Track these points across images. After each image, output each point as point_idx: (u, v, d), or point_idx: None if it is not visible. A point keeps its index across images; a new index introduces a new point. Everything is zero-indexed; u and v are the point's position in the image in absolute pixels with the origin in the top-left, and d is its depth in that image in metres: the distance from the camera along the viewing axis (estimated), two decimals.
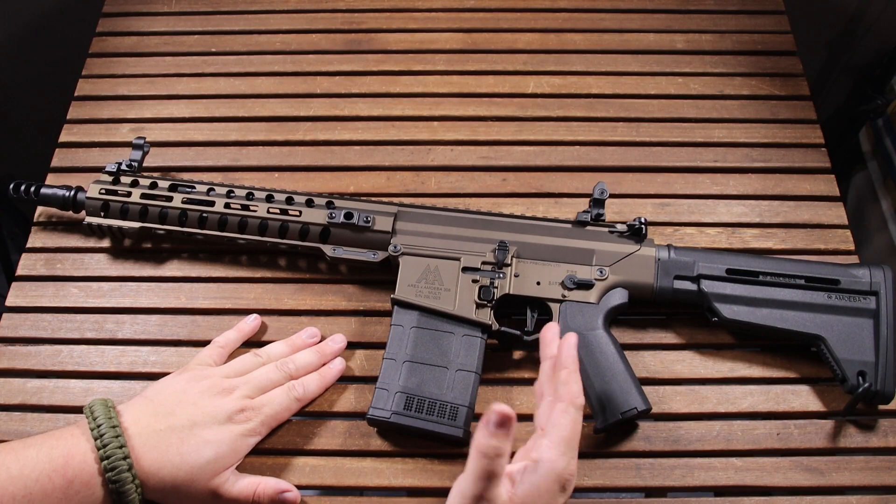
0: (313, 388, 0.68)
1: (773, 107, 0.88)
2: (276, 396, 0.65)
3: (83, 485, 0.57)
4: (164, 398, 0.62)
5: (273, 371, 0.67)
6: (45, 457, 0.56)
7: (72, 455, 0.57)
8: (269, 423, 0.65)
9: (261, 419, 0.64)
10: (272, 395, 0.65)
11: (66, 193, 0.76)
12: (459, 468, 0.66)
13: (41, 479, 0.55)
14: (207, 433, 0.61)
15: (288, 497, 0.62)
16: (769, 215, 0.80)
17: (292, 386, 0.66)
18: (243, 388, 0.64)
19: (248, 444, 0.63)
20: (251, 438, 0.63)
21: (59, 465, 0.56)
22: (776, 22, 0.95)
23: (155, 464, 0.58)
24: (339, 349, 0.71)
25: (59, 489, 0.56)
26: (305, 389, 0.67)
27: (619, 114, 0.87)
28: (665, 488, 0.66)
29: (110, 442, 0.57)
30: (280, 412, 0.65)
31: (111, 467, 0.56)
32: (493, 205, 0.80)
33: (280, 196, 0.74)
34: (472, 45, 0.93)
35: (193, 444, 0.60)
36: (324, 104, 0.88)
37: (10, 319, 0.74)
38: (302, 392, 0.67)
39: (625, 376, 0.66)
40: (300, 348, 0.70)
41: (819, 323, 0.68)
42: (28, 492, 0.55)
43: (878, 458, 0.67)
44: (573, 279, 0.70)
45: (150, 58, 0.92)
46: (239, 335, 0.71)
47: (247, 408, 0.63)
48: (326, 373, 0.69)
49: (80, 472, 0.57)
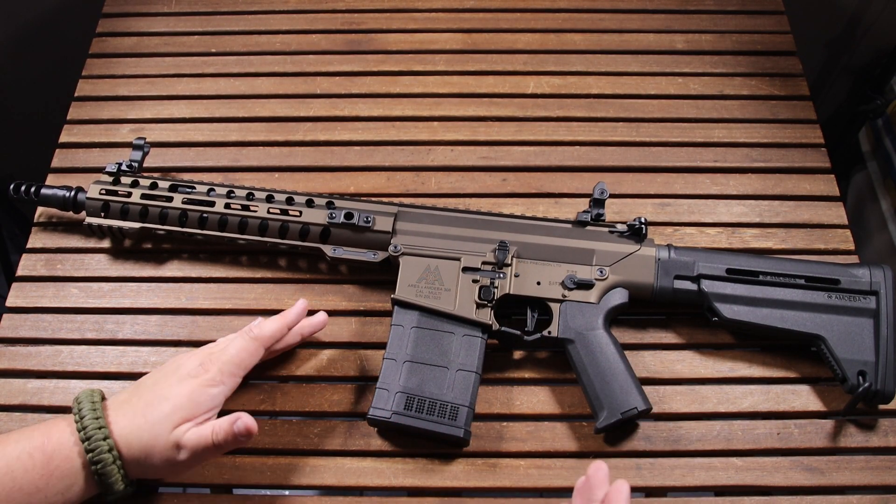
0: (270, 325, 0.65)
1: (773, 107, 0.88)
2: (232, 341, 0.64)
3: (63, 459, 0.57)
4: (146, 377, 0.63)
5: (236, 336, 0.65)
6: (26, 438, 0.58)
7: (51, 433, 0.58)
8: (230, 370, 0.62)
9: (218, 366, 0.62)
10: (227, 339, 0.64)
11: (67, 194, 0.76)
12: (459, 468, 0.66)
13: (22, 456, 0.56)
14: (166, 388, 0.60)
15: (240, 423, 0.59)
16: (769, 215, 0.80)
17: (248, 328, 0.64)
18: (207, 348, 0.64)
19: (210, 394, 0.61)
20: (213, 389, 0.61)
21: (38, 443, 0.57)
22: (776, 22, 0.95)
23: (125, 430, 0.58)
24: (301, 309, 0.68)
25: (39, 465, 0.56)
26: (261, 328, 0.64)
27: (619, 114, 0.87)
28: (665, 488, 0.66)
29: (87, 414, 0.58)
30: (238, 354, 0.63)
31: (87, 437, 0.57)
32: (493, 205, 0.80)
33: (280, 196, 0.74)
34: (472, 45, 0.93)
35: (155, 405, 0.59)
36: (324, 104, 0.88)
37: (10, 320, 0.74)
38: (258, 331, 0.64)
39: (625, 376, 0.66)
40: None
41: (819, 323, 0.68)
42: (10, 469, 0.56)
43: (878, 458, 0.67)
44: (573, 279, 0.70)
45: (150, 58, 0.92)
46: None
47: (204, 360, 0.62)
48: (286, 314, 0.67)
49: (60, 447, 0.57)
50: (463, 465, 0.66)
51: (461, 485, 0.65)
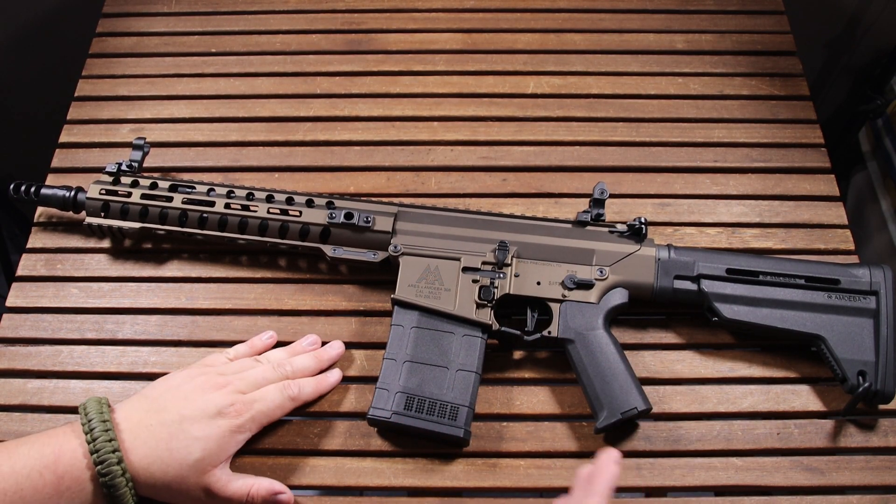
0: (308, 390, 0.67)
1: (773, 107, 0.88)
2: (269, 393, 0.64)
3: (74, 480, 0.57)
4: (159, 394, 0.62)
5: (269, 371, 0.66)
6: (37, 454, 0.57)
7: (62, 452, 0.57)
8: (260, 420, 0.64)
9: (251, 414, 0.63)
10: (265, 391, 0.64)
11: (67, 194, 0.75)
12: (459, 468, 0.66)
13: (32, 475, 0.56)
14: (195, 428, 0.60)
15: (282, 499, 0.61)
16: (769, 215, 0.80)
17: (287, 384, 0.65)
18: (237, 383, 0.64)
19: (237, 440, 0.62)
20: (240, 435, 0.62)
21: (49, 461, 0.56)
22: (776, 22, 0.95)
23: (145, 459, 0.58)
24: (336, 355, 0.70)
25: (49, 485, 0.56)
26: (301, 390, 0.66)
27: (619, 114, 0.87)
28: (665, 488, 0.66)
29: (100, 436, 0.57)
30: (272, 409, 0.64)
31: (101, 460, 0.57)
32: (493, 205, 0.80)
33: (280, 196, 0.74)
34: (472, 45, 0.93)
35: (182, 440, 0.59)
36: (324, 104, 0.88)
37: (10, 320, 0.74)
38: (297, 392, 0.66)
39: (625, 376, 0.66)
40: (299, 353, 0.69)
41: (819, 323, 0.68)
42: (19, 488, 0.55)
43: (878, 458, 0.67)
44: (573, 279, 0.70)
45: (150, 58, 0.92)
46: (250, 350, 0.70)
47: (237, 402, 0.62)
48: (322, 380, 0.68)
49: (71, 468, 0.57)
50: (463, 465, 0.66)
51: (461, 485, 0.65)
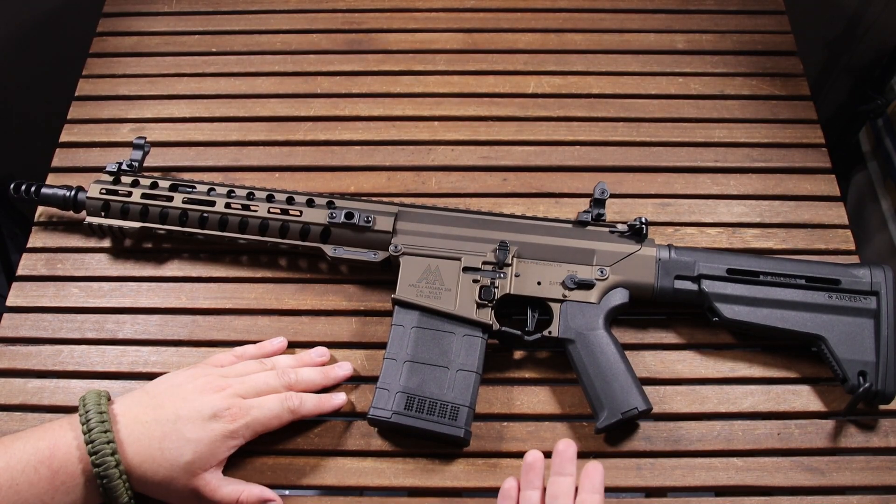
0: (309, 405, 0.65)
1: (774, 107, 0.88)
2: (268, 401, 0.63)
3: (69, 475, 0.57)
4: (159, 391, 0.62)
5: (272, 377, 0.65)
6: (32, 448, 0.57)
7: (57, 446, 0.57)
8: (255, 428, 0.62)
9: (246, 421, 0.62)
10: (264, 399, 0.63)
11: (67, 193, 0.75)
12: (460, 468, 0.66)
13: (27, 470, 0.56)
14: (189, 430, 0.59)
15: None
16: (770, 215, 0.80)
17: (289, 396, 0.64)
18: (237, 386, 0.63)
19: (229, 445, 0.61)
20: (232, 441, 0.61)
21: (44, 456, 0.56)
22: (776, 22, 0.95)
23: (137, 456, 0.58)
24: (344, 376, 0.69)
25: (44, 480, 0.56)
26: (302, 403, 0.64)
27: (620, 114, 0.87)
28: (666, 488, 0.66)
29: (96, 427, 0.57)
30: (269, 418, 0.63)
31: (95, 451, 0.57)
32: (494, 205, 0.80)
33: (281, 196, 0.74)
34: (472, 45, 0.93)
35: (175, 441, 0.59)
36: (324, 104, 0.88)
37: (10, 319, 0.74)
38: (297, 404, 0.64)
39: (625, 376, 0.66)
40: (307, 364, 0.68)
41: (820, 323, 0.68)
42: (14, 483, 0.55)
43: (878, 458, 0.67)
44: (574, 279, 0.70)
45: (151, 58, 0.92)
46: (258, 352, 0.69)
47: (234, 406, 0.61)
48: (326, 401, 0.66)
49: (66, 463, 0.57)
50: (463, 465, 0.66)
51: (461, 485, 0.65)
